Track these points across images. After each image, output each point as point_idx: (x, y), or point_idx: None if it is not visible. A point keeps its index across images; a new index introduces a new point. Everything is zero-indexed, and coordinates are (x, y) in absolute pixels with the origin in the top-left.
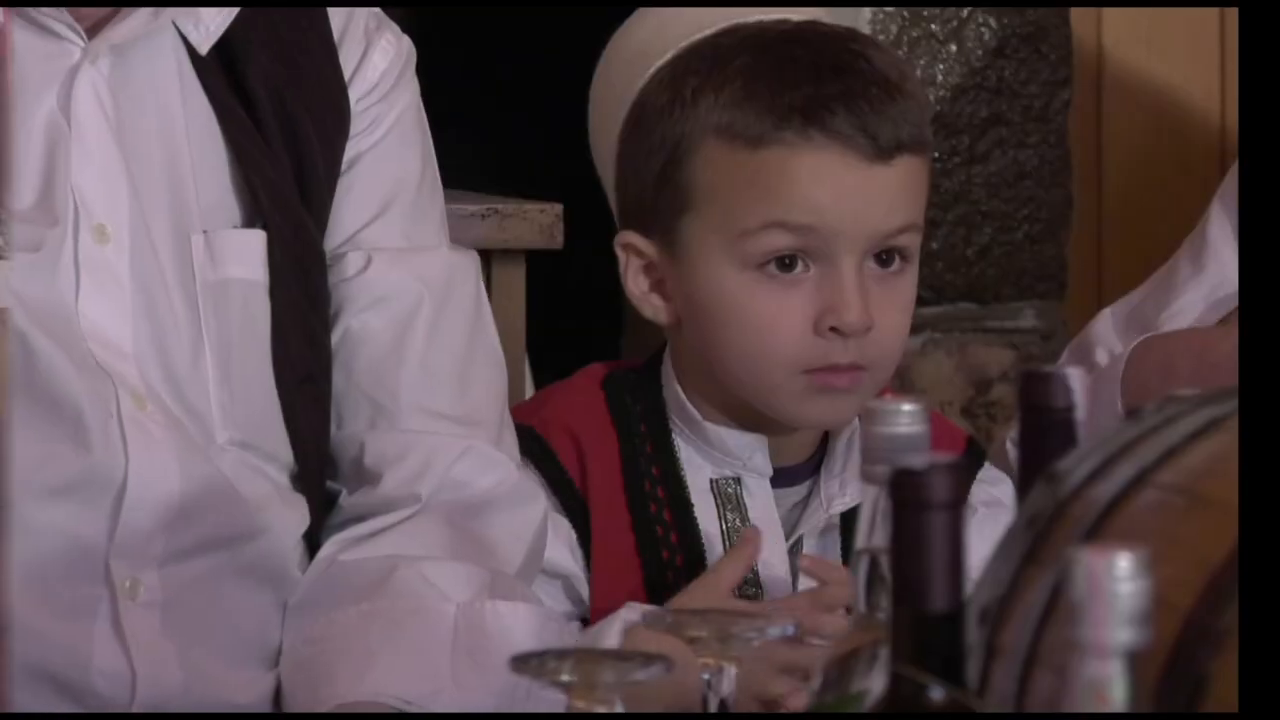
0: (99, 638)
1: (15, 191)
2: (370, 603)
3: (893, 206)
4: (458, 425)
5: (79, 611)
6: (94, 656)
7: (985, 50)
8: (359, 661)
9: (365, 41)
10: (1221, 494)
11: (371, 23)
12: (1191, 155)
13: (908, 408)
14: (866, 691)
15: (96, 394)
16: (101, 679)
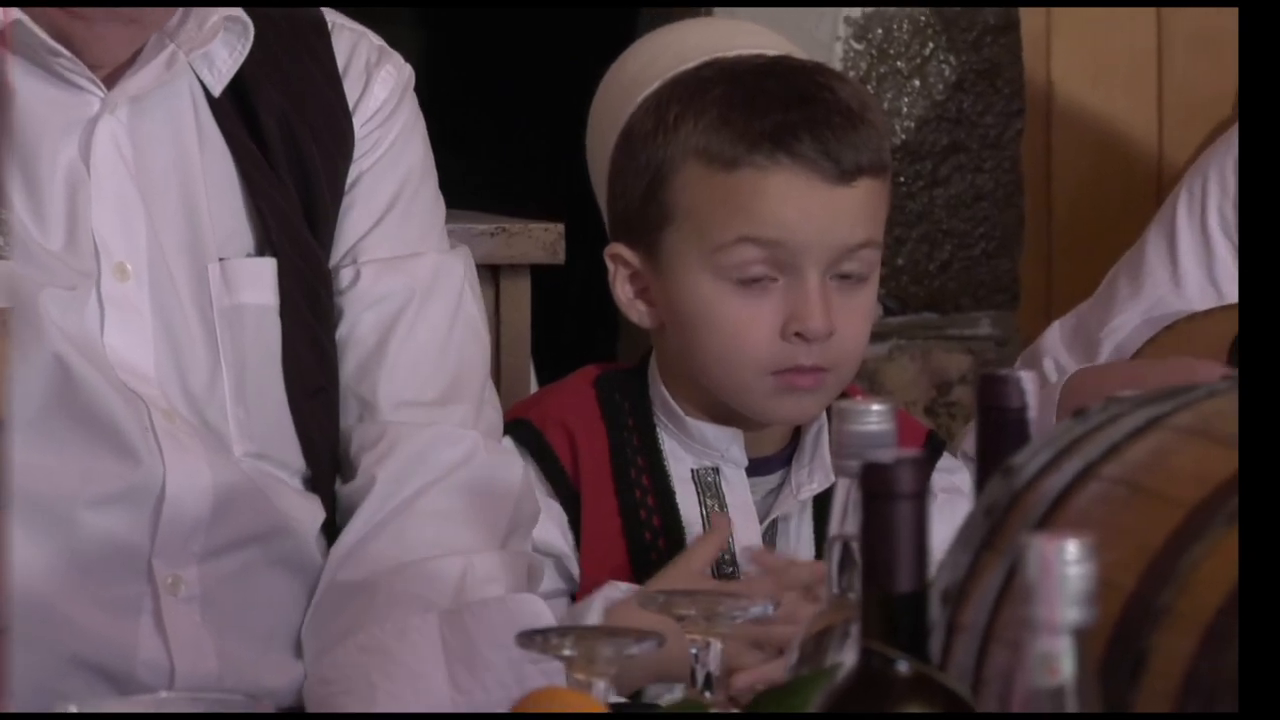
0: (143, 631)
1: (46, 233)
2: (364, 631)
3: (854, 224)
4: (432, 409)
5: (125, 608)
6: (138, 649)
7: (946, 85)
8: (364, 699)
9: (367, 74)
10: (1159, 485)
11: (373, 56)
12: (1132, 180)
13: (876, 408)
14: (839, 665)
15: (132, 411)
16: (144, 669)
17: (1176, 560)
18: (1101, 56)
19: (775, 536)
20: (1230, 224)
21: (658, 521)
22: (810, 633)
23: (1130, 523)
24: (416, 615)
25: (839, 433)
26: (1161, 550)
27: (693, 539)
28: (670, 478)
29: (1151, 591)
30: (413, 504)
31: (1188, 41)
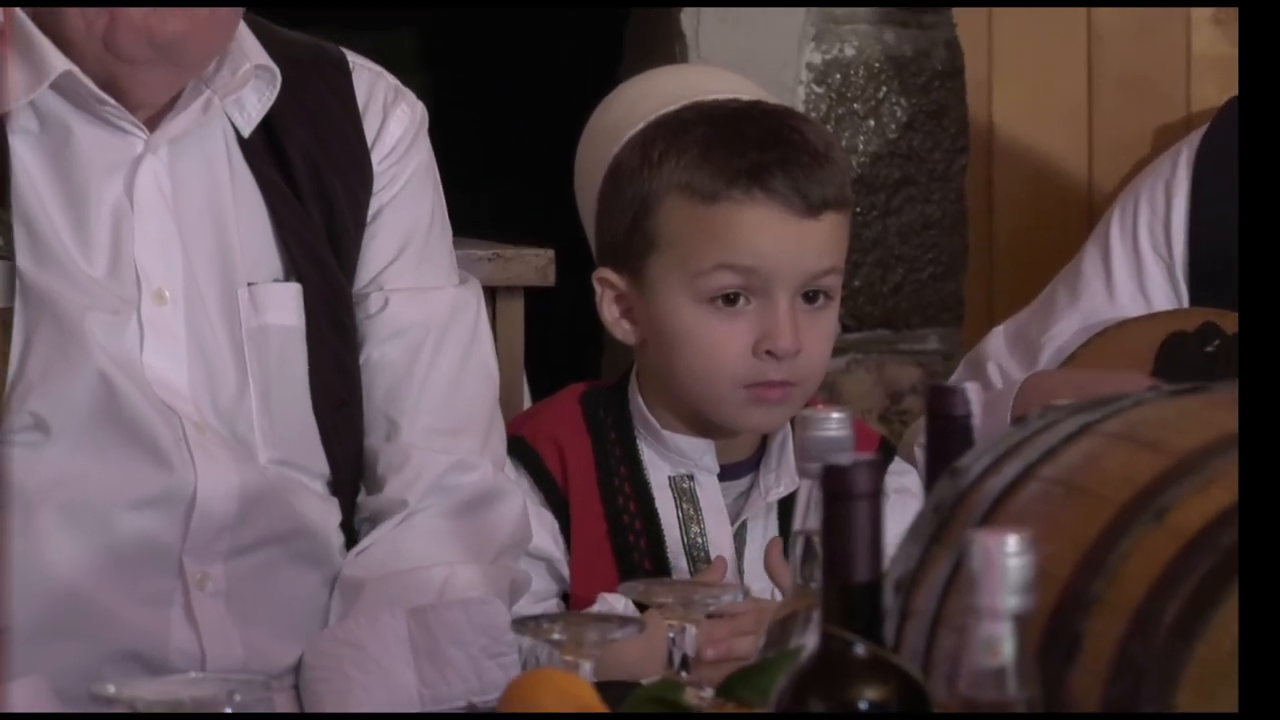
0: (175, 622)
1: (91, 262)
2: (341, 625)
3: (820, 253)
4: (448, 437)
5: (158, 601)
6: (171, 638)
7: (897, 125)
8: (338, 689)
9: (384, 112)
10: (1092, 485)
11: (390, 95)
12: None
13: (836, 416)
14: (802, 647)
15: (167, 424)
16: (177, 656)
17: (1107, 554)
18: (1037, 99)
19: (745, 536)
20: (1159, 241)
21: (639, 525)
22: (776, 619)
23: (1065, 519)
24: (389, 613)
25: (802, 438)
26: (1093, 544)
27: (671, 541)
28: (650, 485)
29: (1084, 582)
30: (413, 519)
31: (1115, 85)
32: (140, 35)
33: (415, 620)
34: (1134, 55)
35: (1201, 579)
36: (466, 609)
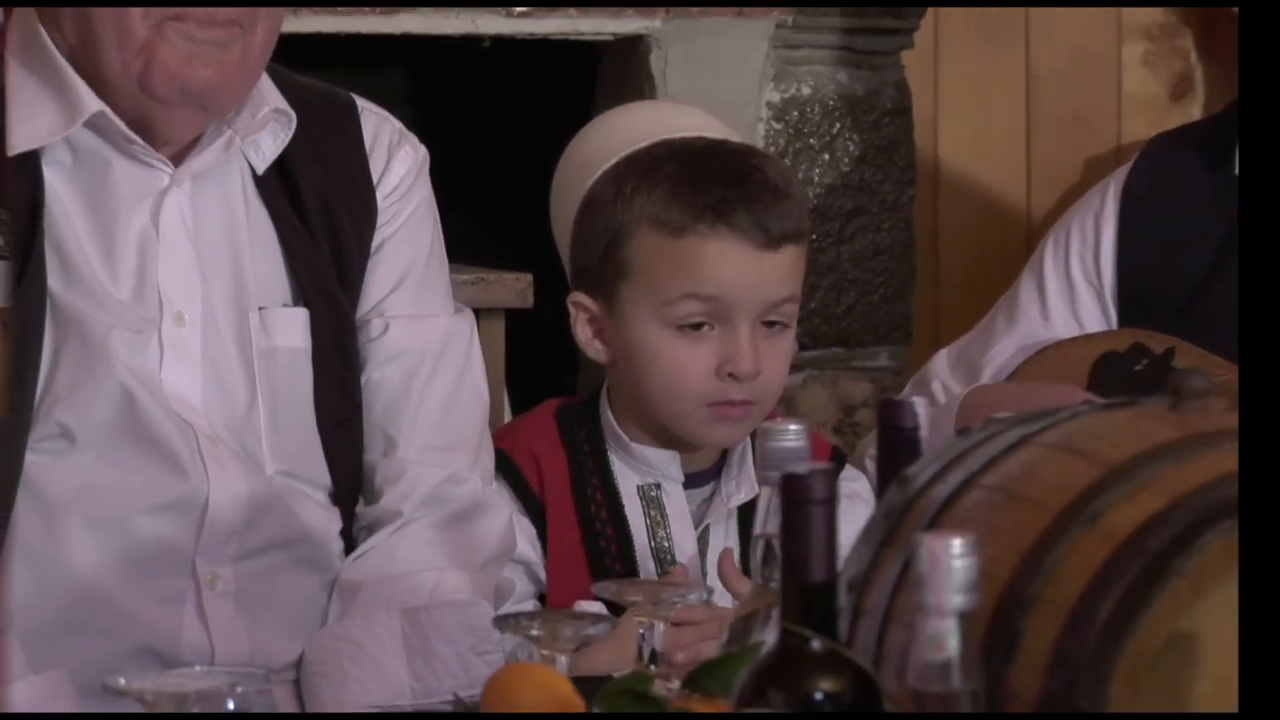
0: (187, 620)
1: (117, 285)
2: (342, 624)
3: (779, 283)
4: (441, 453)
5: (172, 600)
6: (183, 634)
7: (850, 158)
8: (336, 683)
9: (389, 153)
10: (1031, 492)
11: (395, 138)
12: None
13: (793, 427)
14: (763, 642)
15: (182, 436)
16: (189, 651)
17: (1044, 556)
18: (980, 135)
19: (708, 539)
20: (1089, 269)
21: (610, 531)
22: (738, 616)
23: (1005, 524)
24: (384, 613)
25: (762, 448)
26: (1031, 547)
27: (640, 545)
28: (619, 493)
29: (1023, 582)
30: (407, 528)
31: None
32: (174, 81)
33: (408, 620)
34: (1069, 94)
35: (1132, 580)
36: (455, 610)
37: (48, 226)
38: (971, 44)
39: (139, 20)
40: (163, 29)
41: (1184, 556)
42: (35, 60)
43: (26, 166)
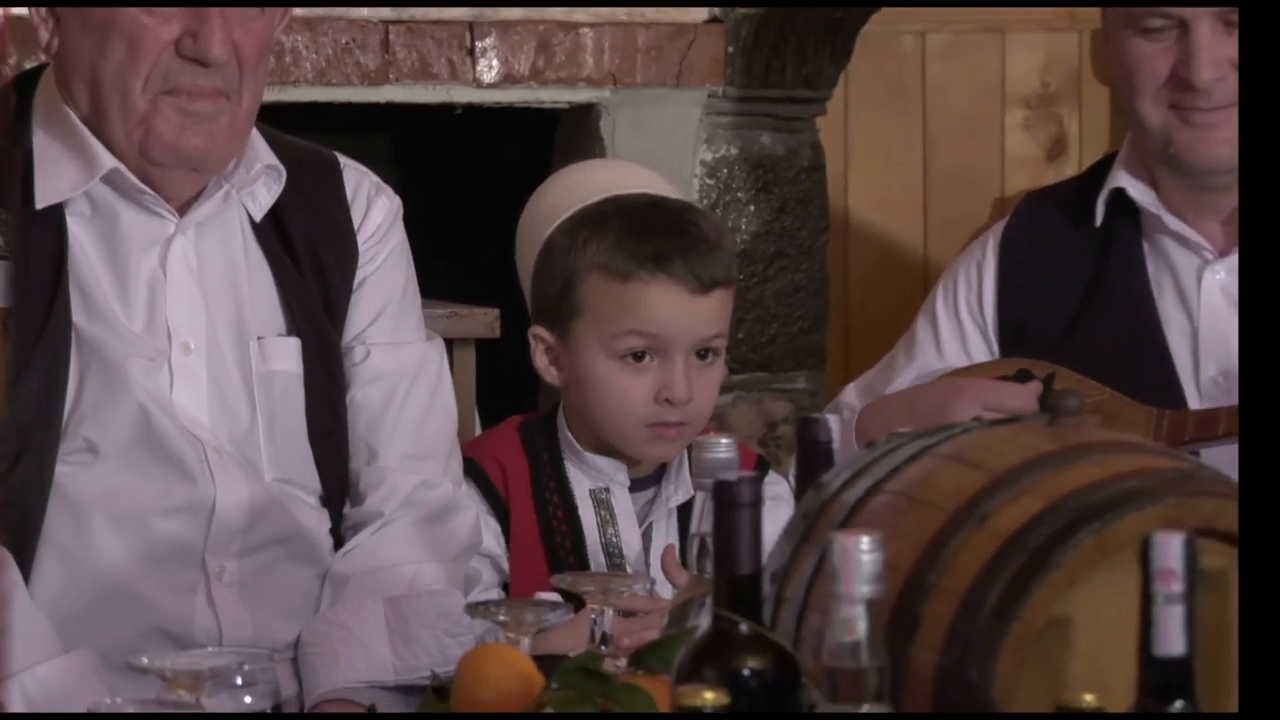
0: (198, 607)
1: (131, 319)
2: (333, 610)
3: (710, 322)
4: (416, 461)
5: (185, 589)
6: (195, 619)
7: (772, 209)
8: (328, 662)
9: (368, 203)
10: (928, 496)
11: (373, 189)
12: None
13: (724, 441)
14: (698, 626)
15: (192, 448)
16: (200, 634)
17: (940, 551)
18: (884, 189)
19: (651, 535)
20: (974, 309)
21: (566, 529)
22: (677, 603)
23: (907, 524)
24: (369, 601)
25: (697, 459)
26: (929, 544)
27: (591, 541)
28: (574, 496)
29: (922, 573)
30: (388, 527)
31: (944, 178)
32: (170, 149)
33: (390, 607)
34: (960, 154)
35: (1016, 572)
36: (431, 599)
37: (71, 269)
38: (876, 111)
39: (139, 95)
40: (158, 102)
41: (1060, 552)
42: (57, 126)
43: (52, 217)
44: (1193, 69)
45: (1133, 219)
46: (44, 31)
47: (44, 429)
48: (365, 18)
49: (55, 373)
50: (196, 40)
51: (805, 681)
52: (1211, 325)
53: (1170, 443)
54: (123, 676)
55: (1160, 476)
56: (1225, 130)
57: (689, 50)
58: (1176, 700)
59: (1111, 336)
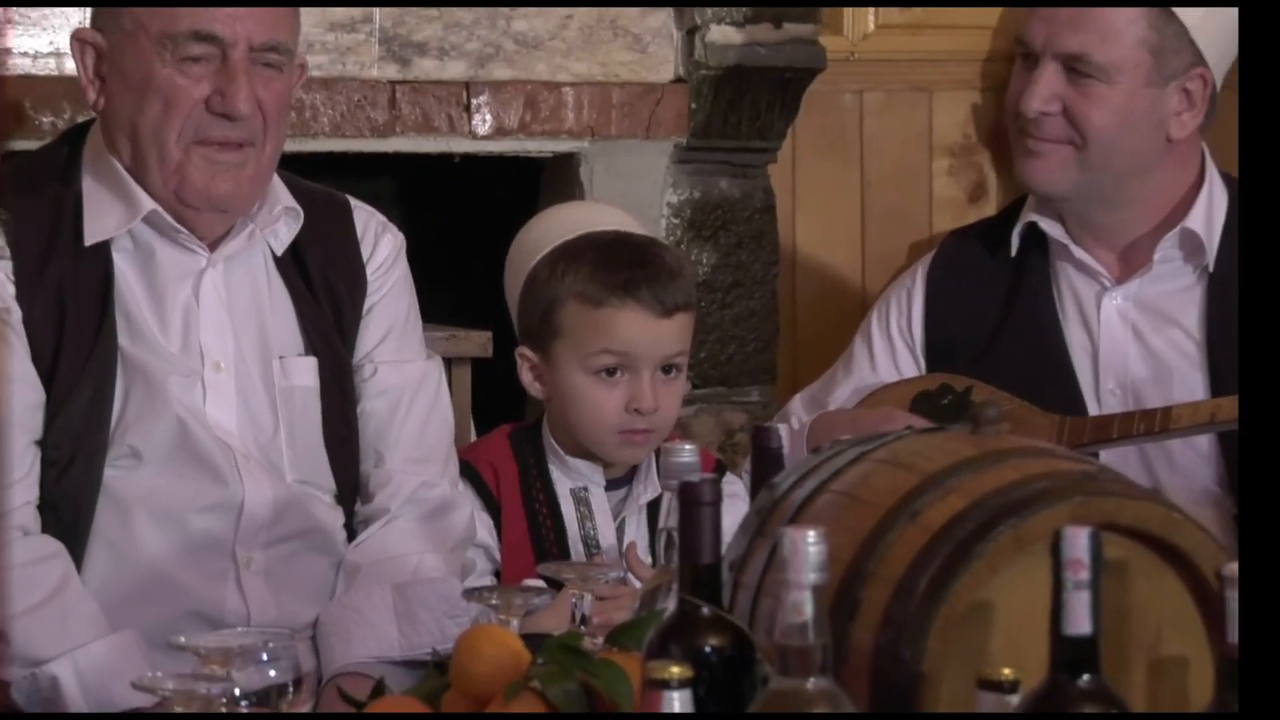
0: (229, 592)
1: (168, 341)
2: (347, 594)
3: (673, 342)
4: (418, 464)
5: (217, 577)
6: (226, 603)
7: (730, 245)
8: (343, 640)
9: (375, 240)
10: (866, 495)
11: (379, 227)
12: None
13: (688, 447)
14: (665, 609)
15: (223, 454)
16: (231, 615)
17: (877, 543)
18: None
19: (624, 529)
20: (905, 331)
21: (550, 523)
22: (647, 589)
23: (848, 519)
24: (378, 587)
25: (664, 463)
26: (867, 536)
27: (572, 533)
28: (557, 495)
29: (861, 562)
30: (394, 522)
31: (879, 219)
32: (201, 194)
33: (397, 593)
34: (892, 197)
35: (943, 561)
36: (433, 584)
37: (116, 298)
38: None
39: (174, 146)
40: (191, 152)
41: (982, 544)
42: (103, 173)
43: (100, 253)
44: (1023, 98)
45: (1042, 250)
46: (91, 91)
47: (93, 437)
48: (375, 78)
49: (103, 388)
50: (225, 97)
51: (759, 657)
52: (1109, 344)
53: (1071, 445)
54: (162, 653)
55: (1068, 478)
56: (1047, 160)
57: (657, 107)
58: (1083, 674)
59: (1022, 354)
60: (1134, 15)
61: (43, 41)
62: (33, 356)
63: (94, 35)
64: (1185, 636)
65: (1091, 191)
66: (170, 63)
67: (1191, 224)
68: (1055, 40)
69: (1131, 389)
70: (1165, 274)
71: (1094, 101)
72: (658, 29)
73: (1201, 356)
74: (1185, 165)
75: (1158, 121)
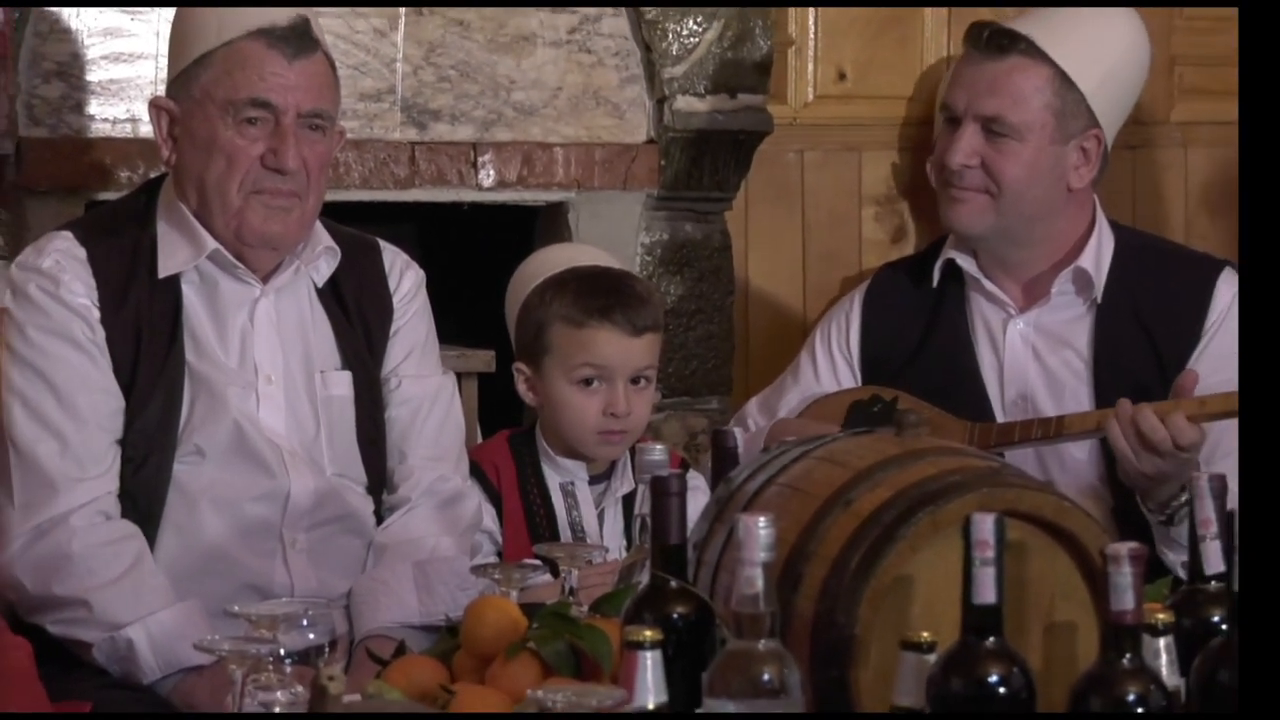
0: (277, 568)
1: (228, 357)
2: (375, 570)
3: (642, 357)
4: (435, 461)
5: (267, 555)
6: (274, 577)
7: (693, 278)
8: (371, 608)
9: (400, 274)
10: (808, 487)
11: (403, 264)
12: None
13: (658, 447)
14: (639, 582)
15: (273, 452)
16: (278, 588)
17: (816, 527)
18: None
19: (604, 517)
20: (843, 348)
21: (542, 512)
22: (625, 565)
23: (792, 508)
24: (401, 564)
25: (638, 461)
26: (808, 522)
27: (562, 521)
28: (548, 488)
29: (803, 544)
30: (414, 510)
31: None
32: (257, 235)
33: (417, 569)
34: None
35: (872, 542)
36: (447, 562)
37: (184, 321)
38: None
39: (234, 195)
40: (249, 200)
41: (905, 527)
42: (174, 218)
43: (171, 285)
44: (948, 154)
45: (959, 282)
46: (165, 149)
47: (164, 438)
48: (397, 140)
49: (173, 397)
50: (277, 155)
51: (718, 623)
52: (1012, 362)
53: (979, 446)
54: (220, 620)
55: (976, 473)
56: (968, 206)
57: (632, 164)
58: (989, 637)
59: (941, 369)
60: (1040, 83)
61: (121, 109)
62: (114, 370)
63: (168, 102)
64: (1074, 605)
65: (1003, 233)
66: (232, 126)
67: (1084, 263)
68: (975, 104)
69: (1031, 400)
70: (1060, 305)
71: (1007, 156)
72: (633, 99)
73: (1089, 374)
74: (1081, 212)
75: (1060, 174)
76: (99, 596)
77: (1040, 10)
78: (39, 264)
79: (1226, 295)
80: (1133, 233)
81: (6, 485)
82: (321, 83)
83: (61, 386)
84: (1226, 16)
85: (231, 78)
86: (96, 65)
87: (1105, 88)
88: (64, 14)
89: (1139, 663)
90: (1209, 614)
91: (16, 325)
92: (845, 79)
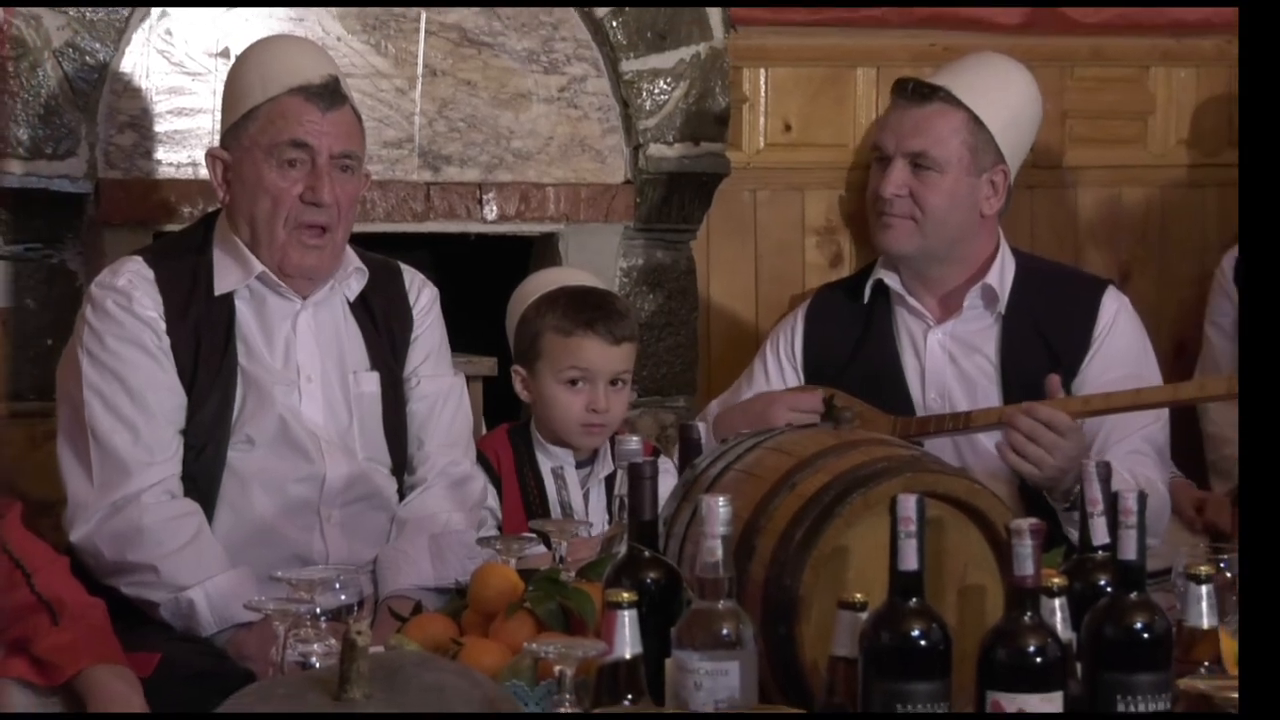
0: (315, 540)
1: (274, 359)
2: (397, 541)
3: (620, 362)
4: (448, 448)
5: (307, 529)
6: (313, 547)
7: (664, 297)
8: (393, 573)
9: (418, 292)
10: (760, 472)
11: (421, 282)
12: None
13: (634, 438)
14: (618, 552)
15: (312, 441)
16: (317, 556)
17: (767, 506)
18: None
19: (589, 498)
20: (790, 355)
21: (536, 492)
22: (606, 538)
23: (747, 490)
24: (419, 536)
25: (617, 450)
26: (760, 501)
27: (553, 500)
28: (541, 472)
29: (755, 520)
30: (430, 489)
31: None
32: (297, 265)
33: (432, 540)
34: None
35: (814, 519)
36: (458, 534)
37: (237, 331)
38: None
39: (279, 230)
40: (290, 236)
41: (841, 505)
42: (227, 246)
43: (226, 301)
44: (881, 186)
45: (886, 298)
46: (220, 191)
47: (220, 429)
48: (415, 180)
49: (228, 394)
50: (314, 191)
51: (685, 587)
52: (932, 366)
53: (903, 437)
54: (266, 584)
55: (901, 460)
56: (898, 230)
57: (613, 201)
58: (912, 598)
59: (871, 372)
60: (957, 124)
61: (183, 155)
62: (178, 372)
63: (222, 152)
64: (984, 572)
65: (926, 253)
66: (275, 168)
67: (990, 280)
68: (903, 144)
69: (947, 398)
70: (972, 317)
71: (931, 187)
72: (613, 146)
73: (998, 376)
74: (989, 237)
75: (974, 203)
76: (166, 563)
77: (953, 64)
78: (115, 283)
79: (1111, 308)
80: (1030, 257)
81: (86, 468)
82: (350, 129)
83: (134, 386)
84: (1111, 77)
85: (274, 126)
86: (163, 118)
87: (1009, 129)
88: (135, 75)
89: (1038, 620)
90: (1096, 578)
91: (95, 334)
92: (790, 130)
